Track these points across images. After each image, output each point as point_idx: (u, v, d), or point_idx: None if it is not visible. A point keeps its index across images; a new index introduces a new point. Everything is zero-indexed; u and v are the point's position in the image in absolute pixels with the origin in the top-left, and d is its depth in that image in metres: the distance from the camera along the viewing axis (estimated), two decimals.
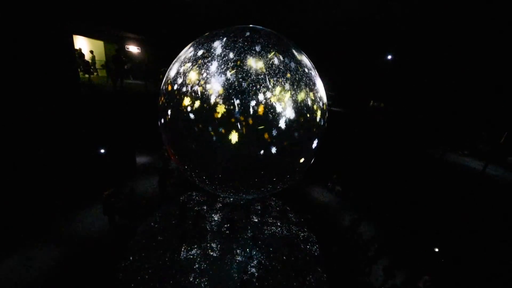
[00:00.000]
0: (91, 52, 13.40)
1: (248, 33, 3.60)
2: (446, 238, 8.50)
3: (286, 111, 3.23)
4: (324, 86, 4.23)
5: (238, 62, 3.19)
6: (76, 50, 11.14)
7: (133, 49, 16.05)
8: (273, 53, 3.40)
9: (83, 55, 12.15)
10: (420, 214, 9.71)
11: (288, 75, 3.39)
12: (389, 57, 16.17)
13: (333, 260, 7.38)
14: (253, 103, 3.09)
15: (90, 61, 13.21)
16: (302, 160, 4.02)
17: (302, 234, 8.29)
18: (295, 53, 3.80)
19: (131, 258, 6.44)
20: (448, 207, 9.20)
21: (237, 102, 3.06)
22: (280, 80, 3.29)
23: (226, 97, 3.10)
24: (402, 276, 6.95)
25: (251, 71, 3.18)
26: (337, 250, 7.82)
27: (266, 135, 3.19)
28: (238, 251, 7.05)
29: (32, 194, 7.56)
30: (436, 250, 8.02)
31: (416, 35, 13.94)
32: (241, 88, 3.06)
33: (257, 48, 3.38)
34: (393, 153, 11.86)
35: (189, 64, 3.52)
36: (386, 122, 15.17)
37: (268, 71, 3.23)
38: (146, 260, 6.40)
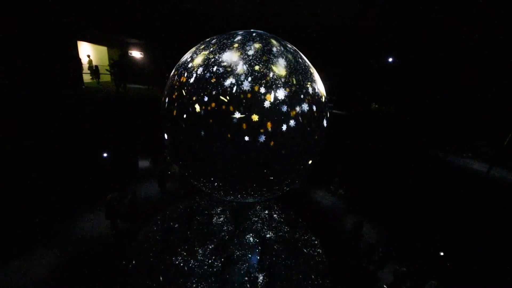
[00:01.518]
0: (88, 56, 13.54)
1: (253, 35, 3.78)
2: (450, 241, 8.38)
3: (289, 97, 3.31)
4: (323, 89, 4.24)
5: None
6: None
7: (136, 54, 16.26)
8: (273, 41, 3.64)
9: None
10: (424, 217, 9.60)
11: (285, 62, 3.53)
12: (390, 59, 16.22)
13: (337, 264, 7.30)
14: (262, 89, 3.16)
15: (87, 65, 13.39)
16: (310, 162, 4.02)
17: (305, 237, 8.22)
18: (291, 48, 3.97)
19: (133, 262, 6.42)
20: (452, 210, 9.09)
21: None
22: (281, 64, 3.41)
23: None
24: (408, 280, 6.83)
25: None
26: (340, 254, 7.74)
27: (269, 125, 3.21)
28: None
29: (35, 197, 7.60)
30: (442, 254, 7.89)
31: (418, 35, 13.97)
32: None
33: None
34: (396, 155, 11.79)
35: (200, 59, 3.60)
36: (388, 124, 15.12)
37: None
38: (148, 264, 6.37)
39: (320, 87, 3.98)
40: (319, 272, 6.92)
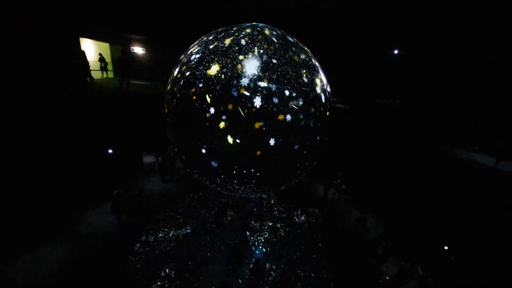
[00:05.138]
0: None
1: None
2: (456, 236, 8.33)
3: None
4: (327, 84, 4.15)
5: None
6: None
7: (138, 50, 16.20)
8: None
9: (103, 58, 12.13)
10: (429, 211, 9.54)
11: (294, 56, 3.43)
12: (396, 51, 15.86)
13: (340, 259, 7.34)
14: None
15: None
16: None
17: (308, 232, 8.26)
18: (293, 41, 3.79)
19: (138, 256, 6.55)
20: (458, 204, 9.00)
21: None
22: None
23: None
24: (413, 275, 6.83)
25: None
26: (343, 249, 7.77)
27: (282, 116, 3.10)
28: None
29: (42, 194, 7.75)
30: (446, 248, 7.87)
31: (426, 28, 13.57)
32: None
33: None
34: (401, 149, 11.66)
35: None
36: (394, 118, 14.90)
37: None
38: (153, 258, 6.51)
39: (323, 79, 3.91)
40: (322, 266, 6.98)
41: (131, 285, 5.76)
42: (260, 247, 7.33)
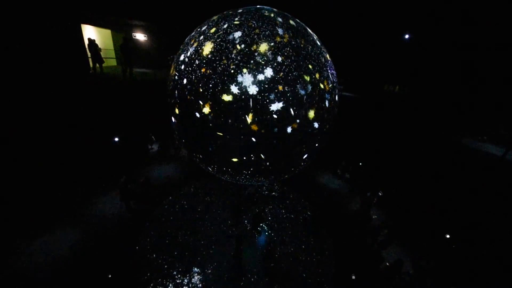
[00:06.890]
0: None
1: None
2: (463, 226, 8.35)
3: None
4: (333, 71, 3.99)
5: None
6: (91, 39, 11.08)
7: (140, 36, 15.91)
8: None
9: (96, 44, 12.01)
10: (436, 200, 9.52)
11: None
12: (406, 36, 15.16)
13: (342, 247, 7.48)
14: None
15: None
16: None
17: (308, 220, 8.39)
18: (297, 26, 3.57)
19: (147, 240, 6.81)
20: (466, 193, 8.94)
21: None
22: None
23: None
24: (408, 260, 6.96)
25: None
26: (345, 235, 7.90)
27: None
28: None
29: (53, 181, 7.99)
30: (448, 236, 7.92)
31: (436, 13, 12.86)
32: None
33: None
34: (408, 138, 11.48)
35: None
36: (401, 106, 14.53)
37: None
38: (161, 242, 6.77)
39: (330, 69, 3.78)
40: (324, 251, 7.14)
41: (139, 270, 6.04)
42: (265, 232, 7.51)
